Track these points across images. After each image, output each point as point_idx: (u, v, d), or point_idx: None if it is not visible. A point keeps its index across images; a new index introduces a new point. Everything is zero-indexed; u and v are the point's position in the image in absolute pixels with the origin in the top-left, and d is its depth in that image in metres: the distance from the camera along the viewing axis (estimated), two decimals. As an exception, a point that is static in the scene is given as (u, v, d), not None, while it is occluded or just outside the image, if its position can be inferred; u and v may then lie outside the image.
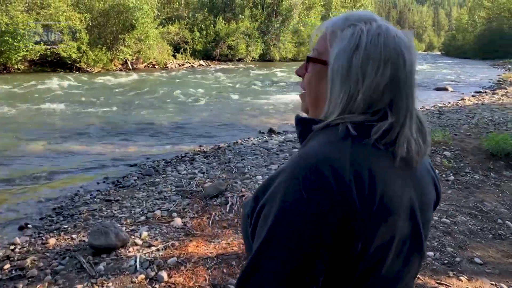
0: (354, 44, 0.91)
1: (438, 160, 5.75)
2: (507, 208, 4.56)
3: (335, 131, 0.90)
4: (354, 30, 0.93)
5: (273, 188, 0.86)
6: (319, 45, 0.99)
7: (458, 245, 3.82)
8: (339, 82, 0.92)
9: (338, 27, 0.96)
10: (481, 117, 7.87)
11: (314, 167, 0.82)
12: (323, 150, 0.86)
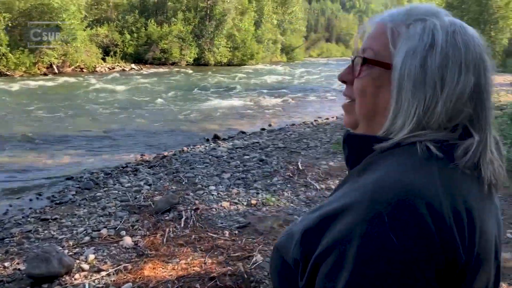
0: (427, 43, 0.75)
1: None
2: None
3: (412, 152, 0.72)
4: (425, 26, 0.76)
5: (343, 231, 0.65)
6: (374, 43, 0.81)
7: None
8: (411, 90, 0.74)
9: (401, 22, 0.79)
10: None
11: (401, 201, 0.63)
12: (407, 177, 0.67)
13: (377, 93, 0.79)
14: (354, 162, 0.80)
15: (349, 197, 0.69)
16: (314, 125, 9.30)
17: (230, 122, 11.20)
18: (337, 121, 9.89)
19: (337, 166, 5.77)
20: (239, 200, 4.76)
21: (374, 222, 0.63)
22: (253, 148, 7.07)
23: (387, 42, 0.79)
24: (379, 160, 0.74)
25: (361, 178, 0.73)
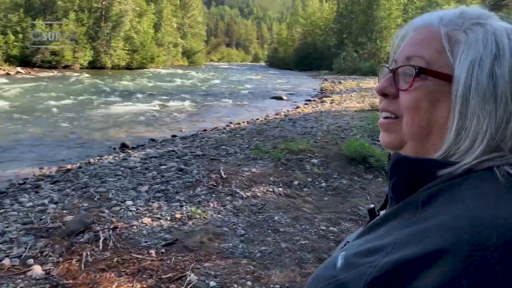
0: (493, 51, 0.66)
1: (308, 167, 5.91)
2: (378, 210, 4.87)
3: (492, 180, 0.61)
4: (486, 31, 0.68)
5: (442, 283, 0.51)
6: (425, 51, 0.71)
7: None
8: (480, 105, 0.65)
9: (457, 26, 0.70)
10: (329, 124, 8.55)
11: (510, 243, 0.51)
12: (505, 212, 0.55)
13: (432, 109, 0.68)
14: (405, 192, 0.68)
15: (428, 238, 0.56)
16: (229, 131, 9.17)
17: (137, 129, 10.61)
18: (250, 126, 9.90)
19: (260, 173, 5.70)
20: (161, 215, 4.44)
21: (482, 273, 0.50)
22: (169, 157, 6.72)
23: (441, 49, 0.69)
24: (451, 190, 0.62)
25: (428, 213, 0.61)
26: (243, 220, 4.38)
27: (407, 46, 0.74)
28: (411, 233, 0.59)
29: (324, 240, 4.07)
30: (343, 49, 44.05)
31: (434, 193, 0.63)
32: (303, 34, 64.75)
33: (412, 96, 0.69)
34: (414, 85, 0.69)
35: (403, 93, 0.71)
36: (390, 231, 0.64)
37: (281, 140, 7.46)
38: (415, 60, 0.71)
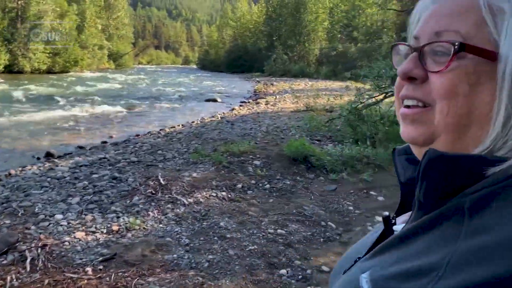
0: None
1: (250, 170, 5.78)
2: (323, 209, 4.85)
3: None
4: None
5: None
6: (459, 23, 0.58)
7: (302, 256, 3.78)
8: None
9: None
10: (268, 124, 8.51)
11: None
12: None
13: (472, 94, 0.56)
14: (441, 196, 0.55)
15: (496, 258, 0.44)
16: (164, 135, 8.80)
17: (62, 137, 9.88)
18: (187, 129, 9.59)
19: (201, 177, 5.47)
20: (96, 228, 4.07)
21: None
22: (101, 165, 6.26)
23: (480, 21, 0.57)
24: (507, 193, 0.50)
25: (483, 223, 0.48)
26: (187, 228, 4.14)
27: (433, 18, 0.60)
28: (468, 250, 0.47)
29: (273, 243, 3.95)
30: (274, 52, 44.79)
31: (484, 198, 0.50)
32: (233, 37, 64.99)
33: (449, 78, 0.57)
34: (452, 65, 0.57)
35: (436, 75, 0.58)
36: (430, 247, 0.51)
37: (221, 143, 7.28)
38: (448, 35, 0.58)
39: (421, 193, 0.57)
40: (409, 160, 0.72)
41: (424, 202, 0.57)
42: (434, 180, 0.55)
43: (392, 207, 3.38)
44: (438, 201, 0.55)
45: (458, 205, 0.52)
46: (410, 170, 0.71)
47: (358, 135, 7.23)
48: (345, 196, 5.30)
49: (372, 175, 5.95)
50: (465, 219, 0.50)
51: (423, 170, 0.56)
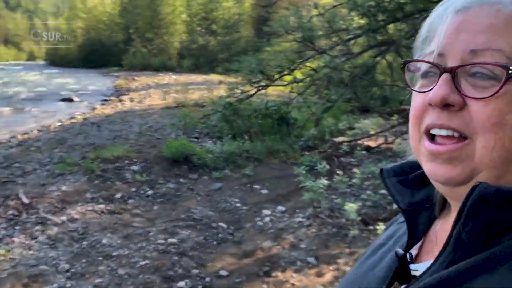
0: None
1: (128, 176, 5.36)
2: (211, 210, 4.74)
3: None
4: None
5: None
6: (502, 41, 0.51)
7: (198, 263, 3.62)
8: None
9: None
10: (139, 124, 8.01)
11: None
12: None
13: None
14: (493, 233, 0.49)
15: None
16: (18, 144, 7.66)
17: None
18: (44, 135, 8.47)
19: (73, 190, 4.89)
20: None
21: None
22: None
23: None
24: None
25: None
26: (64, 251, 3.65)
27: (465, 33, 0.52)
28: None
29: (165, 255, 3.71)
30: (131, 45, 42.87)
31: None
32: (86, 30, 60.39)
33: (496, 107, 0.49)
34: (500, 92, 0.49)
35: (479, 102, 0.50)
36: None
37: (90, 149, 6.62)
38: (489, 54, 0.50)
39: (466, 232, 0.50)
40: (402, 183, 0.66)
41: (468, 241, 0.50)
42: (487, 217, 0.49)
43: (275, 200, 3.42)
44: (485, 240, 0.49)
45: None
46: (407, 195, 0.65)
47: (235, 130, 7.26)
48: (231, 193, 5.26)
49: (253, 169, 6.03)
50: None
51: (472, 207, 0.49)
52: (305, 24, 7.60)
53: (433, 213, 0.64)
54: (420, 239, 0.64)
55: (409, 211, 0.65)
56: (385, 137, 7.26)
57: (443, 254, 0.53)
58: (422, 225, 0.64)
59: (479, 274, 0.47)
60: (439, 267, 0.53)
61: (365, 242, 3.96)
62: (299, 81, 7.90)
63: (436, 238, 0.61)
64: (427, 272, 0.54)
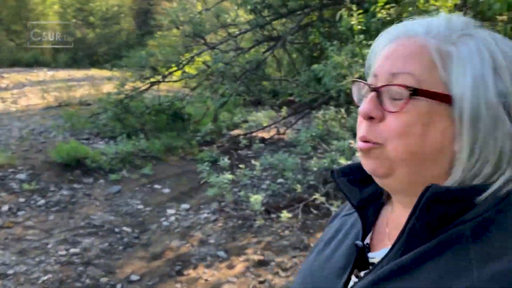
0: (490, 65, 0.61)
1: (15, 186, 4.88)
2: (112, 214, 4.56)
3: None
4: (477, 43, 0.63)
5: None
6: (412, 67, 0.62)
7: (106, 271, 3.49)
8: (493, 125, 0.60)
9: (445, 39, 0.63)
10: (19, 128, 7.21)
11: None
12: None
13: (425, 133, 0.61)
14: (441, 224, 0.60)
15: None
16: None
17: None
18: None
19: None
20: None
21: None
22: None
23: (432, 65, 0.62)
24: (500, 219, 0.58)
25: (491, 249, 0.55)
26: None
27: (390, 59, 0.65)
28: (492, 277, 0.52)
29: (69, 266, 3.51)
30: (-4, 38, 38.35)
31: (482, 224, 0.57)
32: None
33: (403, 120, 0.61)
34: (407, 107, 0.61)
35: (392, 116, 0.62)
36: (443, 276, 0.56)
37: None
38: (403, 77, 0.62)
39: (420, 224, 0.60)
40: (350, 182, 0.76)
41: (421, 232, 0.60)
42: (437, 212, 0.59)
43: (178, 198, 3.51)
44: (434, 229, 0.60)
45: (459, 233, 0.57)
46: (357, 192, 0.76)
47: (128, 129, 7.00)
48: (131, 195, 5.11)
49: (152, 168, 5.92)
50: (469, 246, 0.56)
51: (426, 203, 0.59)
52: (194, 19, 7.60)
53: (379, 206, 0.76)
54: (370, 230, 0.75)
55: (360, 207, 0.75)
56: (277, 129, 7.63)
57: (399, 243, 0.63)
58: (371, 217, 0.75)
59: (430, 259, 0.58)
60: (395, 254, 0.62)
61: (269, 230, 4.19)
62: (192, 77, 7.88)
63: (387, 229, 0.72)
64: (385, 259, 0.63)
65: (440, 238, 0.59)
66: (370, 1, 6.47)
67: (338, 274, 0.71)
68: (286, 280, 3.36)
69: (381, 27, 5.80)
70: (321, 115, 5.50)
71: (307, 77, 7.60)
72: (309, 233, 4.12)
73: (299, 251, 3.80)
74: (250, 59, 7.39)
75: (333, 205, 4.34)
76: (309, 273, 0.78)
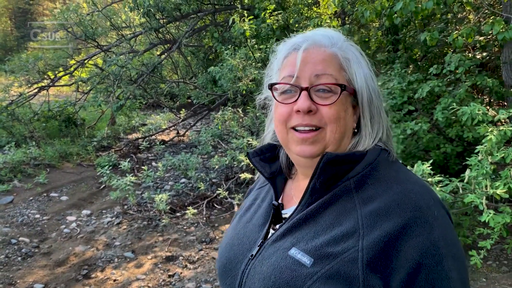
0: (367, 64, 0.88)
1: None
2: (7, 226, 4.31)
3: (391, 163, 0.85)
4: (355, 49, 0.89)
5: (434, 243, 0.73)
6: (330, 69, 0.83)
7: (6, 283, 3.33)
8: (380, 106, 0.87)
9: (341, 47, 0.87)
10: None
11: (439, 198, 0.81)
12: (420, 179, 0.83)
13: (345, 117, 0.83)
14: (333, 181, 0.81)
15: (393, 214, 0.73)
16: None
17: None
18: None
19: None
20: None
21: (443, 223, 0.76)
22: None
23: (339, 67, 0.84)
24: (373, 173, 0.81)
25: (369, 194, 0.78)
26: None
27: (309, 64, 0.83)
28: (370, 214, 0.74)
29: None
30: None
31: (361, 178, 0.80)
32: None
33: (335, 109, 0.81)
34: (337, 99, 0.81)
35: (326, 107, 0.81)
36: (338, 218, 0.77)
37: None
38: (325, 77, 0.82)
39: (319, 183, 0.80)
40: (263, 160, 0.97)
41: (319, 188, 0.81)
42: (331, 172, 0.81)
43: (78, 204, 3.59)
44: (329, 186, 0.81)
45: (346, 187, 0.80)
46: (267, 167, 0.96)
47: (16, 137, 6.55)
48: (26, 205, 4.84)
49: (47, 176, 5.64)
50: (354, 194, 0.78)
51: (323, 167, 0.80)
52: (84, 21, 7.34)
53: (284, 177, 0.98)
54: (280, 195, 0.95)
55: (270, 178, 0.96)
56: (177, 131, 7.71)
57: (304, 199, 0.82)
58: (280, 185, 0.97)
59: (328, 206, 0.79)
60: (302, 207, 0.82)
61: (175, 228, 4.31)
62: (85, 80, 7.60)
63: (292, 192, 0.93)
64: (294, 212, 0.83)
65: (334, 191, 0.80)
66: (259, 7, 6.90)
67: (259, 230, 0.89)
68: (195, 271, 3.53)
69: (271, 33, 6.29)
70: (220, 116, 5.73)
71: (204, 79, 7.80)
72: (214, 226, 4.33)
73: (205, 244, 3.98)
74: (146, 61, 7.36)
75: (235, 199, 4.61)
76: (234, 233, 0.94)
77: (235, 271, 0.86)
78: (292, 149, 0.85)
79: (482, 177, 2.75)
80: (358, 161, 0.82)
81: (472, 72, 4.35)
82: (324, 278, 0.72)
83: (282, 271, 0.75)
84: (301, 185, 0.90)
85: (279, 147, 0.96)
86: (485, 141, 2.77)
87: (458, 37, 3.84)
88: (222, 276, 0.90)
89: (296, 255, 0.76)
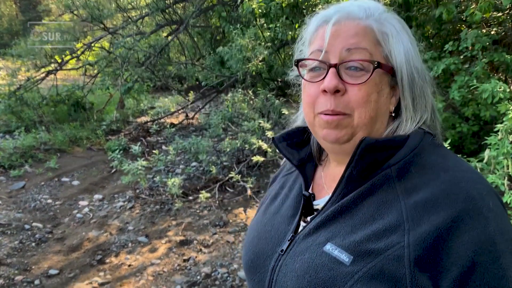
0: (410, 38, 0.78)
1: None
2: (19, 211, 4.31)
3: (437, 148, 0.77)
4: (398, 21, 0.78)
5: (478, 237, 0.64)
6: (365, 43, 0.74)
7: (21, 268, 3.34)
8: (423, 87, 0.77)
9: (380, 19, 0.76)
10: None
11: (492, 188, 0.72)
12: (470, 167, 0.73)
13: (378, 100, 0.74)
14: (373, 169, 0.73)
15: (442, 206, 0.65)
16: None
17: None
18: None
19: None
20: None
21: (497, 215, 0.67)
22: None
23: (375, 41, 0.75)
24: (417, 160, 0.72)
25: (414, 184, 0.69)
26: None
27: (340, 38, 0.74)
28: (416, 206, 0.66)
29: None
30: None
31: (404, 166, 0.71)
32: None
33: (365, 90, 0.72)
34: (369, 78, 0.71)
35: (355, 87, 0.72)
36: (378, 210, 0.69)
37: None
38: (359, 52, 0.73)
39: (356, 171, 0.71)
40: (290, 145, 0.88)
41: (356, 177, 0.72)
42: (370, 159, 0.72)
43: (90, 189, 3.53)
44: (367, 175, 0.72)
45: (386, 175, 0.71)
46: (296, 154, 0.88)
47: (26, 122, 6.53)
48: (38, 190, 4.84)
49: (58, 161, 5.63)
50: (395, 183, 0.70)
51: (361, 153, 0.71)
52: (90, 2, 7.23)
53: (314, 164, 0.89)
54: (310, 184, 0.87)
55: (299, 165, 0.87)
56: (186, 113, 7.65)
57: (339, 188, 0.74)
58: (309, 173, 0.88)
59: (366, 198, 0.70)
60: (336, 198, 0.73)
61: (188, 212, 4.29)
62: (93, 64, 7.53)
63: (323, 180, 0.85)
64: (328, 203, 0.74)
65: (373, 180, 0.71)
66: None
67: (288, 222, 0.81)
68: (210, 255, 3.51)
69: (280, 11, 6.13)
70: (229, 98, 5.65)
71: (212, 60, 7.69)
72: (227, 210, 4.30)
73: (219, 228, 3.96)
74: (153, 43, 7.26)
75: (248, 182, 4.56)
76: (261, 226, 0.86)
77: (264, 268, 0.79)
78: (319, 133, 0.77)
79: (502, 156, 2.65)
80: (400, 146, 0.73)
81: (489, 48, 4.20)
82: (366, 278, 0.64)
83: (317, 270, 0.68)
84: (333, 173, 0.83)
85: (309, 131, 0.85)
86: (506, 119, 2.66)
87: (475, 11, 3.69)
88: (249, 272, 0.83)
89: (333, 251, 0.68)
